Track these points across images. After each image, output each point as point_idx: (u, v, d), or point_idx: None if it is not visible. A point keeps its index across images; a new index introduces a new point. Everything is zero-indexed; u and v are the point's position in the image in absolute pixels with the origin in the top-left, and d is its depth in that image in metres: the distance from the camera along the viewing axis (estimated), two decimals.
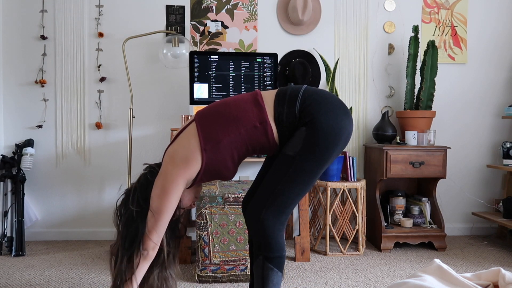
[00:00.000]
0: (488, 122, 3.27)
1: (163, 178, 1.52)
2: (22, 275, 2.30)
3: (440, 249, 2.83)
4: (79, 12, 3.00)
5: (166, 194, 1.50)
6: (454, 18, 3.20)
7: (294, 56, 3.11)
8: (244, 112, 1.53)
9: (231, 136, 1.51)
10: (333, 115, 1.49)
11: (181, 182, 1.51)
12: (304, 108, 1.49)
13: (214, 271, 2.19)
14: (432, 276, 1.22)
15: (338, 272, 2.39)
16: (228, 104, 1.56)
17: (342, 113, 1.52)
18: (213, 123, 1.53)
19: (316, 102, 1.50)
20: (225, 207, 2.20)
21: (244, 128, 1.51)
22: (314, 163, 1.48)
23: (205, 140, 1.51)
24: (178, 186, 1.51)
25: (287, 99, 1.53)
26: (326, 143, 1.47)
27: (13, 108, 2.99)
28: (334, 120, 1.49)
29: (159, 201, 1.50)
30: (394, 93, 3.21)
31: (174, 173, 1.51)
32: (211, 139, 1.51)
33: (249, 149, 1.56)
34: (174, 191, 1.51)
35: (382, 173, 2.78)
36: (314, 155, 1.47)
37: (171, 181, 1.50)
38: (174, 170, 1.51)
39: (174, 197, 1.51)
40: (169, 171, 1.52)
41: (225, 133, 1.51)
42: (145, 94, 3.06)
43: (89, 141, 3.05)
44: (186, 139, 1.54)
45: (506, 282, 1.12)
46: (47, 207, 3.03)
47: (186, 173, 1.51)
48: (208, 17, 3.06)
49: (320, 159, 1.48)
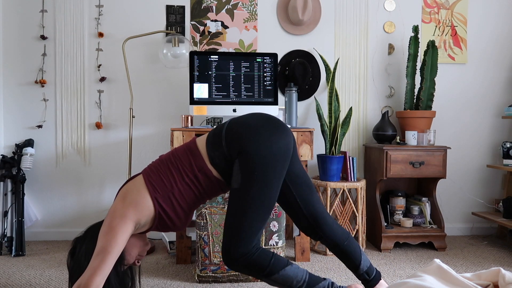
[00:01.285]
0: (488, 122, 3.27)
1: (111, 216, 1.51)
2: (22, 275, 2.30)
3: (440, 249, 2.83)
4: (79, 12, 3.00)
5: (113, 233, 1.46)
6: (454, 18, 3.20)
7: (294, 56, 3.12)
8: (184, 162, 1.59)
9: (178, 186, 1.56)
10: (259, 138, 1.52)
11: (129, 223, 1.50)
12: (230, 145, 1.54)
13: (214, 271, 2.19)
14: (432, 276, 1.22)
15: (338, 272, 2.39)
16: (169, 158, 1.62)
17: (268, 132, 1.55)
18: (159, 176, 1.58)
19: (238, 134, 1.54)
20: (225, 207, 2.20)
21: (187, 177, 1.57)
22: (259, 187, 1.50)
23: (155, 190, 1.55)
24: (126, 226, 1.49)
25: (214, 141, 1.59)
26: (262, 166, 1.51)
27: (13, 108, 2.99)
28: (262, 143, 1.52)
29: (105, 239, 1.45)
30: (394, 93, 3.21)
31: (123, 212, 1.50)
32: (160, 190, 1.55)
33: (197, 196, 1.61)
34: (122, 230, 1.47)
35: (382, 173, 2.78)
36: (256, 181, 1.50)
37: (119, 220, 1.49)
38: (124, 209, 1.51)
39: (121, 236, 1.47)
40: (118, 210, 1.51)
41: (171, 185, 1.56)
42: (145, 94, 3.07)
43: (89, 141, 3.05)
44: (136, 188, 1.56)
45: (506, 282, 1.12)
46: (47, 207, 3.03)
47: (135, 215, 1.51)
48: (208, 17, 3.06)
49: (264, 182, 1.51)
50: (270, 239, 2.22)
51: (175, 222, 1.60)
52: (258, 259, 1.49)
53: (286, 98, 2.82)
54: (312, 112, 3.16)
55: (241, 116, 1.65)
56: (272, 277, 1.51)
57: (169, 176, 1.57)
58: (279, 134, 1.56)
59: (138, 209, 1.52)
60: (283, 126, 1.60)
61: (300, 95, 3.12)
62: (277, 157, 1.53)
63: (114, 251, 1.44)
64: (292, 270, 1.53)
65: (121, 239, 1.47)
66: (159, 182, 1.56)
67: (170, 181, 1.57)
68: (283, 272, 1.51)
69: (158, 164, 1.62)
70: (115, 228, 1.47)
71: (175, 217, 1.59)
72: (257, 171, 1.50)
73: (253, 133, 1.54)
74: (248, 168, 1.51)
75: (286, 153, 1.56)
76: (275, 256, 1.53)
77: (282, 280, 1.51)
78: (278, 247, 2.23)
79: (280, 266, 1.51)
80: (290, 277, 1.52)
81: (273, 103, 2.75)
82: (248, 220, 1.49)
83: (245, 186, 1.50)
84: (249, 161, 1.51)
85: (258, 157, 1.50)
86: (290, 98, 2.81)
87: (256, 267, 1.49)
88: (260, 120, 1.59)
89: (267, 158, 1.51)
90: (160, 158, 1.66)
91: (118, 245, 1.45)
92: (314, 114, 3.16)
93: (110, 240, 1.45)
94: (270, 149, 1.52)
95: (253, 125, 1.56)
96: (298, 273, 1.53)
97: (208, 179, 1.59)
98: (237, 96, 2.74)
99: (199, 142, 1.63)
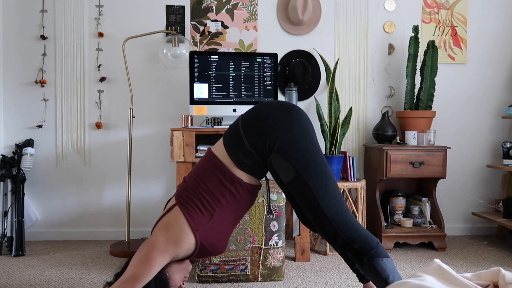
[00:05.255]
0: (488, 122, 3.27)
1: (150, 246, 1.51)
2: (22, 275, 2.30)
3: (440, 249, 2.83)
4: (79, 12, 3.00)
5: (148, 264, 1.47)
6: (454, 18, 3.20)
7: (294, 56, 3.11)
8: (214, 183, 1.56)
9: (217, 212, 1.55)
10: (281, 124, 1.53)
11: (167, 258, 1.51)
12: (255, 142, 1.54)
13: (214, 271, 2.19)
14: (432, 276, 1.22)
15: (338, 272, 2.39)
16: (197, 182, 1.58)
17: (281, 114, 1.55)
18: (196, 207, 1.55)
19: (258, 129, 1.54)
20: None
21: (223, 198, 1.56)
22: (311, 159, 1.52)
23: (196, 224, 1.53)
24: (163, 260, 1.50)
25: (234, 144, 1.56)
26: (301, 142, 1.52)
27: (13, 108, 2.99)
28: (285, 126, 1.53)
29: (139, 268, 1.47)
30: (394, 93, 3.21)
31: (164, 247, 1.50)
32: (200, 223, 1.54)
33: (237, 214, 1.60)
34: (158, 264, 1.49)
35: (382, 173, 2.78)
36: (305, 156, 1.51)
37: (158, 253, 1.49)
38: (165, 245, 1.51)
39: (155, 270, 1.48)
40: (158, 242, 1.51)
41: (210, 212, 1.54)
42: (145, 94, 3.06)
43: (89, 141, 3.05)
44: (177, 223, 1.54)
45: (506, 282, 1.12)
46: (47, 207, 3.03)
47: (175, 251, 1.52)
48: (208, 17, 3.06)
49: (310, 151, 1.52)
50: (270, 239, 2.22)
51: (217, 247, 1.60)
52: (381, 255, 1.49)
53: (286, 98, 2.82)
54: (312, 112, 3.16)
55: (250, 110, 1.63)
56: (374, 261, 1.49)
57: (205, 204, 1.55)
58: (288, 109, 1.58)
59: (179, 245, 1.52)
60: (295, 107, 1.62)
61: (300, 95, 3.12)
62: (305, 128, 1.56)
63: (143, 281, 1.46)
64: (393, 265, 1.51)
65: (154, 271, 1.48)
66: (199, 215, 1.54)
67: (208, 210, 1.55)
68: (386, 261, 1.49)
69: (189, 192, 1.58)
70: (152, 261, 1.48)
71: (218, 243, 1.59)
72: (301, 149, 1.51)
73: (272, 122, 1.54)
74: (290, 152, 1.51)
75: (308, 124, 1.59)
76: (380, 243, 1.54)
77: (382, 268, 1.49)
78: (278, 247, 2.23)
79: (385, 253, 1.50)
80: (390, 270, 1.49)
81: None
82: (327, 193, 1.50)
83: (300, 167, 1.50)
84: (287, 149, 1.51)
85: (293, 139, 1.52)
86: (290, 98, 2.81)
87: (363, 242, 1.49)
88: (272, 108, 1.59)
89: (298, 133, 1.53)
90: (187, 183, 1.61)
91: (149, 276, 1.47)
92: (314, 114, 3.16)
93: (144, 271, 1.46)
94: (296, 125, 1.54)
95: (268, 114, 1.56)
96: (395, 272, 1.51)
97: (241, 187, 1.58)
98: (237, 96, 2.74)
99: (217, 152, 1.60)
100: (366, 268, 1.51)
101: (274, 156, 1.53)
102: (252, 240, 2.20)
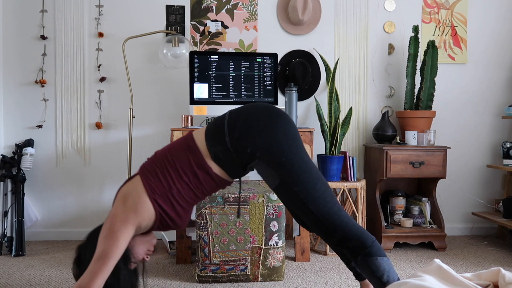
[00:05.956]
0: (488, 122, 3.27)
1: (112, 219, 1.50)
2: (22, 275, 2.30)
3: (440, 249, 2.83)
4: (79, 12, 3.00)
5: (114, 237, 1.46)
6: (454, 18, 3.20)
7: (294, 56, 3.11)
8: (182, 160, 1.56)
9: (176, 185, 1.55)
10: (265, 130, 1.52)
11: (130, 227, 1.50)
12: (237, 143, 1.53)
13: (214, 271, 2.19)
14: (432, 276, 1.22)
15: (338, 272, 2.39)
16: (166, 155, 1.59)
17: (268, 119, 1.54)
18: (157, 177, 1.55)
19: (243, 131, 1.53)
20: (225, 207, 2.20)
21: (186, 176, 1.55)
22: (295, 165, 1.51)
23: (153, 192, 1.53)
24: (127, 230, 1.49)
25: (215, 137, 1.55)
26: (284, 149, 1.51)
27: (13, 108, 2.99)
28: (269, 134, 1.52)
29: (106, 243, 1.45)
30: (394, 93, 3.21)
31: (124, 217, 1.49)
32: (158, 191, 1.54)
33: (196, 194, 1.59)
34: (123, 235, 1.47)
35: (382, 173, 2.78)
36: (288, 163, 1.51)
37: (120, 224, 1.48)
38: (125, 214, 1.50)
39: (122, 241, 1.47)
40: (119, 214, 1.50)
41: (170, 185, 1.54)
42: (145, 94, 3.06)
43: (89, 141, 3.05)
44: (136, 191, 1.54)
45: (506, 282, 1.12)
46: (47, 207, 3.03)
47: (137, 219, 1.51)
48: (208, 17, 3.06)
49: (293, 158, 1.52)
50: (270, 239, 2.22)
51: (176, 221, 1.60)
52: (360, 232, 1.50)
53: (286, 98, 2.82)
54: (312, 112, 3.16)
55: (240, 109, 1.61)
56: (368, 260, 1.50)
57: (166, 176, 1.55)
58: (276, 118, 1.57)
59: (139, 213, 1.51)
60: (275, 110, 1.60)
61: (300, 95, 3.12)
62: (289, 134, 1.55)
63: (114, 256, 1.45)
64: (389, 264, 1.52)
65: (122, 243, 1.47)
66: (157, 183, 1.55)
67: (168, 181, 1.55)
68: (381, 260, 1.50)
69: (155, 163, 1.59)
70: (116, 233, 1.46)
71: (175, 216, 1.59)
72: (283, 156, 1.51)
73: (259, 128, 1.53)
74: (273, 159, 1.51)
75: (291, 125, 1.58)
76: (376, 241, 1.53)
77: (376, 267, 1.50)
78: (278, 247, 2.23)
79: (380, 252, 1.51)
80: (384, 269, 1.50)
81: (273, 103, 2.75)
82: (316, 194, 1.50)
83: (283, 174, 1.51)
84: (270, 156, 1.51)
85: (276, 147, 1.51)
86: (290, 98, 2.81)
87: (358, 241, 1.50)
88: (260, 111, 1.57)
89: (281, 138, 1.52)
90: (156, 156, 1.62)
91: (118, 249, 1.46)
92: (314, 114, 3.16)
93: (111, 244, 1.45)
94: (281, 131, 1.54)
95: (255, 118, 1.55)
96: (391, 271, 1.51)
97: (208, 176, 1.57)
98: (237, 96, 2.74)
99: (197, 137, 1.59)
100: (361, 267, 1.53)
101: (258, 162, 1.54)
102: (252, 240, 2.20)
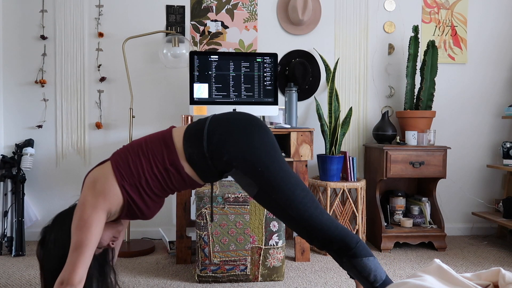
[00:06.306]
0: (488, 122, 3.27)
1: (80, 207, 1.47)
2: (22, 275, 2.30)
3: (440, 249, 2.83)
4: (79, 12, 3.00)
5: (86, 226, 1.44)
6: (454, 18, 3.20)
7: (294, 56, 3.11)
8: (155, 153, 1.54)
9: (146, 176, 1.53)
10: (243, 139, 1.52)
11: (101, 213, 1.48)
12: (213, 150, 1.52)
13: (214, 271, 2.19)
14: (432, 276, 1.22)
15: (338, 272, 2.39)
16: (141, 145, 1.57)
17: (247, 129, 1.54)
18: (127, 163, 1.53)
19: (221, 139, 1.52)
20: (225, 207, 2.20)
21: (157, 168, 1.53)
22: (272, 174, 1.51)
23: (122, 178, 1.51)
24: (98, 216, 1.47)
25: (193, 140, 1.54)
26: (262, 158, 1.51)
27: (13, 108, 2.99)
28: (246, 143, 1.52)
29: (80, 232, 1.43)
30: (394, 93, 3.21)
31: (93, 203, 1.47)
32: (127, 178, 1.52)
33: (165, 188, 1.57)
34: (95, 222, 1.45)
35: (382, 173, 2.78)
36: (264, 172, 1.51)
37: (90, 211, 1.46)
38: (94, 200, 1.47)
39: (95, 228, 1.45)
40: (88, 201, 1.47)
41: (139, 173, 1.52)
42: (145, 94, 3.07)
43: (89, 141, 3.05)
44: (104, 176, 1.52)
45: (506, 282, 1.12)
46: (47, 207, 3.03)
47: (106, 205, 1.49)
48: (208, 17, 3.06)
49: (270, 166, 1.52)
50: (270, 239, 2.22)
51: (144, 211, 1.58)
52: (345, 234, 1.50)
53: (286, 98, 2.82)
54: (312, 112, 3.16)
55: (222, 115, 1.60)
56: (353, 261, 1.50)
57: (137, 164, 1.52)
58: (257, 129, 1.57)
59: (107, 198, 1.48)
60: (255, 120, 1.60)
61: (300, 95, 3.12)
62: (267, 144, 1.55)
63: (90, 244, 1.43)
64: (375, 263, 1.51)
65: (96, 230, 1.45)
66: (127, 170, 1.52)
67: (138, 169, 1.52)
68: (367, 260, 1.50)
69: (128, 150, 1.56)
70: (88, 221, 1.44)
71: (143, 206, 1.56)
72: (260, 166, 1.51)
73: (236, 137, 1.53)
74: (250, 168, 1.51)
75: (268, 135, 1.58)
76: (361, 241, 1.53)
77: (361, 267, 1.50)
78: (278, 247, 2.23)
79: (364, 253, 1.51)
80: (370, 268, 1.50)
81: (273, 103, 2.75)
82: (295, 200, 1.50)
83: (261, 183, 1.51)
84: (246, 165, 1.51)
85: (253, 157, 1.51)
86: (290, 98, 2.81)
87: (341, 243, 1.50)
88: (239, 122, 1.57)
89: (259, 148, 1.52)
90: (132, 144, 1.59)
91: (93, 236, 1.44)
92: (314, 114, 3.16)
93: (85, 233, 1.43)
94: (259, 140, 1.54)
95: (234, 128, 1.54)
96: (377, 270, 1.51)
97: (179, 174, 1.55)
98: (237, 96, 2.74)
99: (175, 135, 1.57)
100: (347, 268, 1.53)
101: (235, 171, 1.54)
102: (252, 240, 2.20)
